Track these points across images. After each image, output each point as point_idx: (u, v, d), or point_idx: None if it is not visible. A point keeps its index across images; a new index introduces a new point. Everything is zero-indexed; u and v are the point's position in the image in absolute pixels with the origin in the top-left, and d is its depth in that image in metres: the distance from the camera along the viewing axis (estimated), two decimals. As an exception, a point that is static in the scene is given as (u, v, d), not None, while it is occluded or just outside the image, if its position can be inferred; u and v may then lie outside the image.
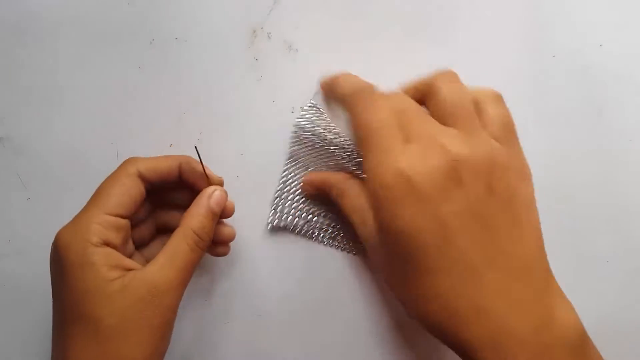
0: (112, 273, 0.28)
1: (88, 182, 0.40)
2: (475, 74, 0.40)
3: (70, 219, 0.30)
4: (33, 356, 0.39)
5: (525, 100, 0.40)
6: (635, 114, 0.40)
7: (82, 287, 0.28)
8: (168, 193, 0.35)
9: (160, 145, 0.40)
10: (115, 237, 0.30)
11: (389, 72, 0.40)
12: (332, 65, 0.39)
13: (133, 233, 0.33)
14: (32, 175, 0.40)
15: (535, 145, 0.40)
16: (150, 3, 0.40)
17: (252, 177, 0.39)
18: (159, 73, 0.40)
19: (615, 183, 0.40)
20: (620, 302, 0.40)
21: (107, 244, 0.29)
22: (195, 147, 0.34)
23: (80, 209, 0.31)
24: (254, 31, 0.40)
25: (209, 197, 0.32)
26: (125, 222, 0.31)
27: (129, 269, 0.29)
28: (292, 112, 0.40)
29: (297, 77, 0.40)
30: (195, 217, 0.31)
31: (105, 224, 0.29)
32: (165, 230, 0.36)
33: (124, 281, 0.28)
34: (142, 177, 0.32)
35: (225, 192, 0.33)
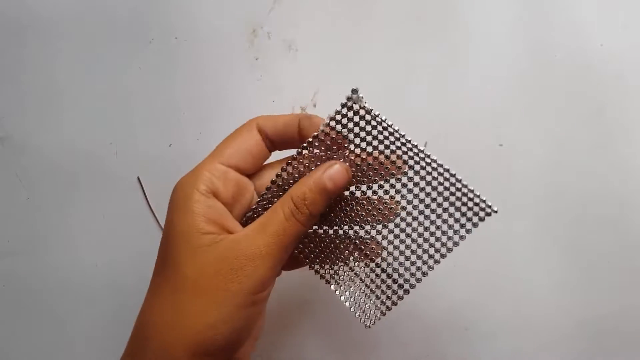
0: (207, 226, 0.27)
1: (87, 182, 0.40)
2: (476, 74, 0.40)
3: (69, 218, 0.30)
4: (33, 355, 0.39)
5: (526, 99, 0.40)
6: (635, 114, 0.40)
7: (175, 232, 0.27)
8: None
9: (160, 145, 0.40)
10: (225, 189, 0.29)
11: (389, 72, 0.40)
12: (332, 65, 0.39)
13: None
14: (32, 175, 0.40)
15: (535, 145, 0.40)
16: (150, 3, 0.40)
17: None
18: (159, 73, 0.40)
19: (615, 183, 0.40)
20: (621, 302, 0.39)
21: (215, 194, 0.28)
22: None
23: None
24: (254, 31, 0.40)
25: (324, 170, 0.29)
26: (237, 175, 0.29)
27: (228, 230, 0.28)
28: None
29: (297, 76, 0.40)
30: (300, 186, 0.29)
31: (216, 173, 0.28)
32: None
33: (215, 239, 0.27)
34: (261, 131, 0.30)
35: (346, 169, 0.29)
